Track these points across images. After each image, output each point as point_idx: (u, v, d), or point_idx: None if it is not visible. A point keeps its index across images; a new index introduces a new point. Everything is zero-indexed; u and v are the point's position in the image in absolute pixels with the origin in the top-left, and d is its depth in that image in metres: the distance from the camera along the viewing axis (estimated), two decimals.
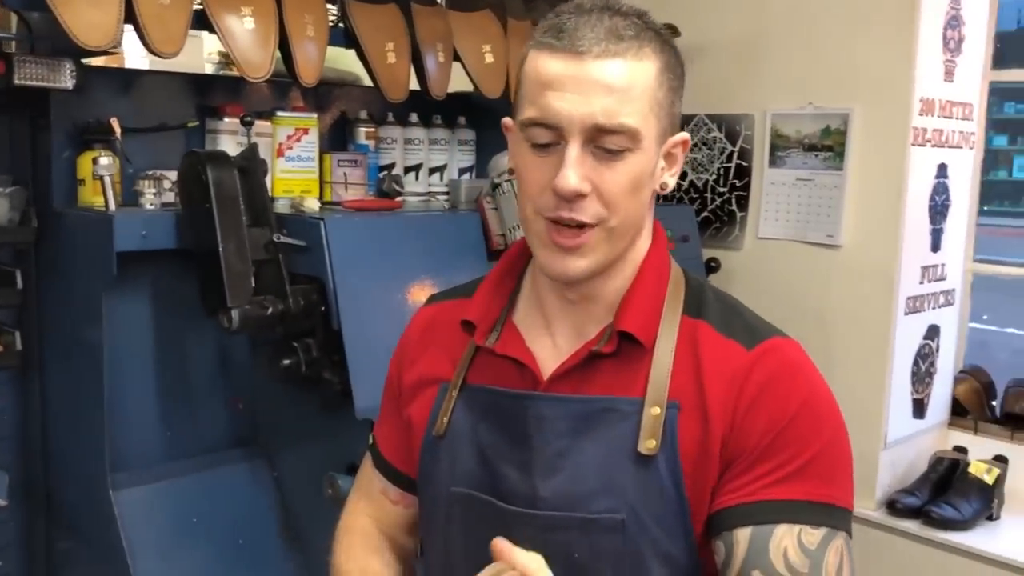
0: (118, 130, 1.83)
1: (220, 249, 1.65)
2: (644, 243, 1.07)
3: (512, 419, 1.04)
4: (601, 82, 0.94)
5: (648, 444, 0.97)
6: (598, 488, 0.99)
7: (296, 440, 2.00)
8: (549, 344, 1.07)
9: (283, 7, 1.71)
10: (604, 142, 0.95)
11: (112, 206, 1.73)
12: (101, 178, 1.74)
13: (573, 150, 0.95)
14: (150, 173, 1.83)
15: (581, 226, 0.97)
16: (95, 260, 1.71)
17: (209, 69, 2.95)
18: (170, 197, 1.85)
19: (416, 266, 1.88)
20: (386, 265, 1.83)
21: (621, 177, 0.96)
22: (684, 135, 1.04)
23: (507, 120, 1.07)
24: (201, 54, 2.94)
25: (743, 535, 0.96)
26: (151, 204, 1.81)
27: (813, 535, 0.95)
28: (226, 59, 2.61)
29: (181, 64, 1.89)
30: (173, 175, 1.87)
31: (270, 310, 1.72)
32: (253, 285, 1.69)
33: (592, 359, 1.02)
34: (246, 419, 2.04)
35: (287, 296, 1.73)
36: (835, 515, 0.97)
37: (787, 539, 0.95)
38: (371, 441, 1.31)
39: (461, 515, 1.07)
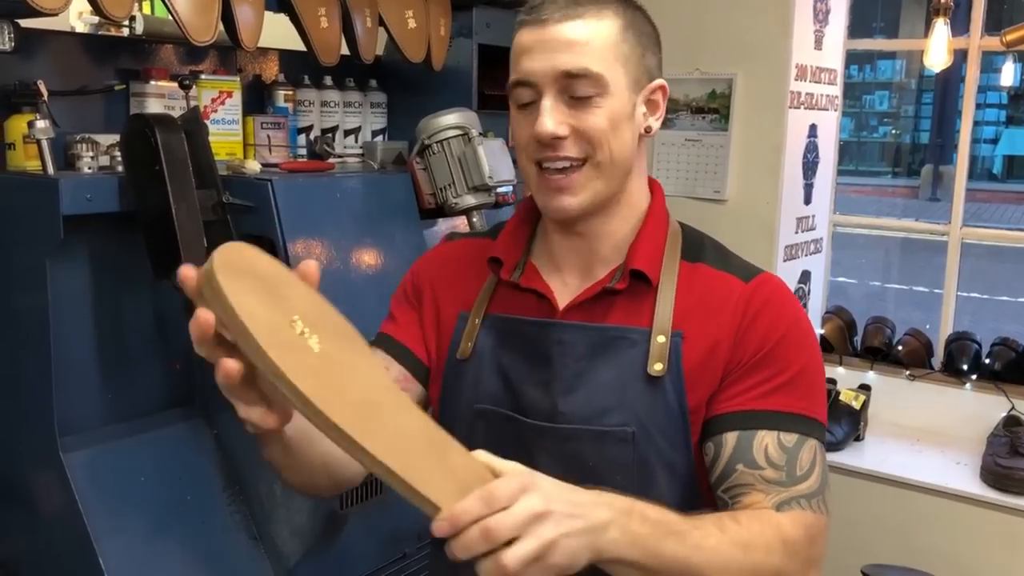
0: (45, 93, 1.81)
1: (173, 211, 1.67)
2: (640, 191, 1.21)
3: (534, 343, 1.17)
4: (562, 40, 1.09)
5: (656, 367, 1.12)
6: (611, 405, 1.13)
7: None
8: (560, 282, 1.21)
9: None
10: (574, 90, 1.09)
11: (51, 169, 1.72)
12: (38, 141, 1.72)
13: (547, 100, 1.10)
14: (86, 136, 1.82)
15: (568, 167, 1.11)
16: (37, 225, 1.69)
17: (81, 29, 2.86)
18: (105, 161, 1.84)
19: (355, 224, 1.96)
20: (328, 224, 1.90)
21: (598, 117, 1.10)
22: (660, 81, 1.17)
23: None
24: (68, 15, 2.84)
25: (731, 437, 1.11)
26: (89, 168, 1.80)
27: (790, 437, 1.10)
28: (105, 20, 2.53)
29: (52, 23, 1.85)
30: (104, 138, 1.86)
31: None
32: (205, 245, 1.73)
33: (604, 294, 1.16)
34: (183, 380, 2.06)
35: None
36: (810, 424, 1.12)
37: (767, 439, 1.10)
38: (375, 338, 1.32)
39: (484, 429, 1.19)
